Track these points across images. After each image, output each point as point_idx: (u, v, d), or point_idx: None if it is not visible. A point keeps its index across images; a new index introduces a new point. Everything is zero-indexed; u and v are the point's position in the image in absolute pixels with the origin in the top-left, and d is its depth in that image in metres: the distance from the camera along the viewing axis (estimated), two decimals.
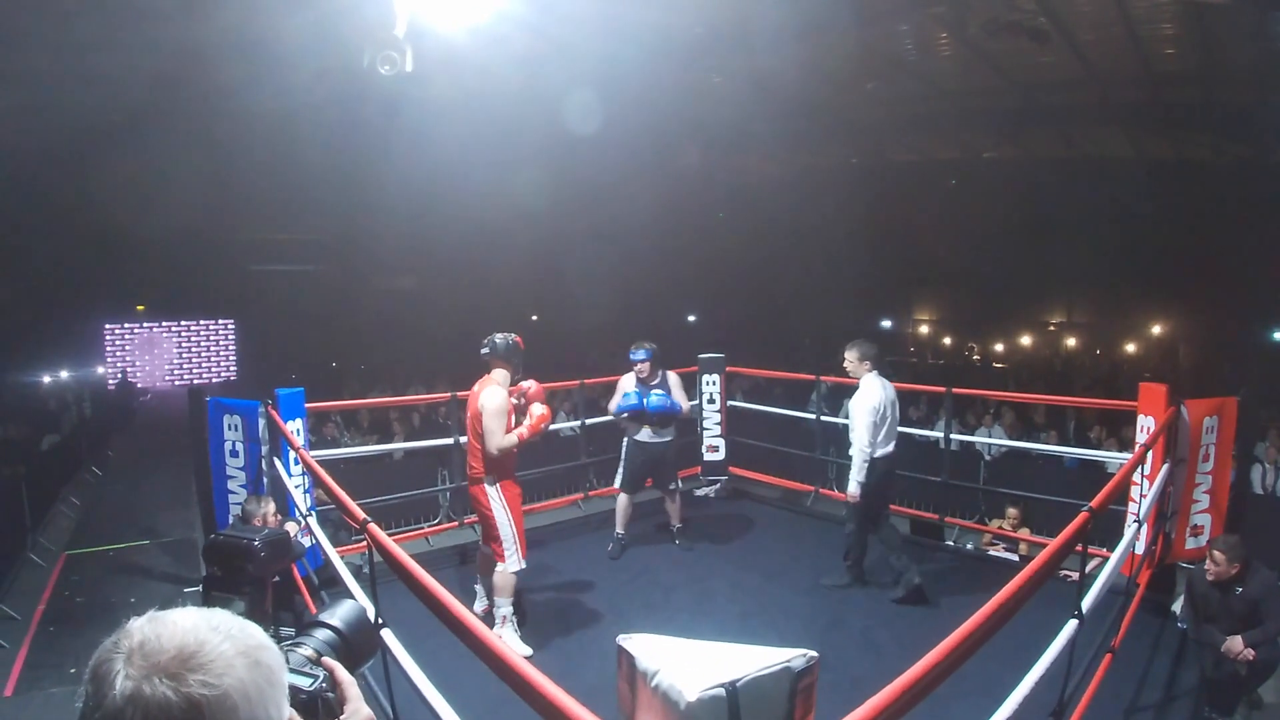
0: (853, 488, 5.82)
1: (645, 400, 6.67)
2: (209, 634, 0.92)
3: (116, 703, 0.85)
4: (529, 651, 5.03)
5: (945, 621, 4.54)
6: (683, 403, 6.83)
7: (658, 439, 6.84)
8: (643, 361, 6.76)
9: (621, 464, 7.06)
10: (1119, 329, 22.20)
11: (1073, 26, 11.10)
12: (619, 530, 6.97)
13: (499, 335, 5.39)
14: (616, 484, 7.14)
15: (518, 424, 5.28)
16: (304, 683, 1.17)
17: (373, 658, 1.47)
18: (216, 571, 2.92)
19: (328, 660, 1.27)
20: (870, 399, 5.75)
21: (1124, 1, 10.28)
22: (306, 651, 1.29)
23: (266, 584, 3.00)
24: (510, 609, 5.17)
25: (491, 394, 5.17)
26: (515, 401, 5.33)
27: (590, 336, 22.30)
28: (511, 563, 5.15)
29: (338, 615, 1.39)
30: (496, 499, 5.21)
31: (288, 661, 1.19)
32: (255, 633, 0.97)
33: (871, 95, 15.46)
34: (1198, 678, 4.53)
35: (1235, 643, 4.33)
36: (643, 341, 6.88)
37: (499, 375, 5.31)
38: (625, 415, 6.77)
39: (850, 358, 5.97)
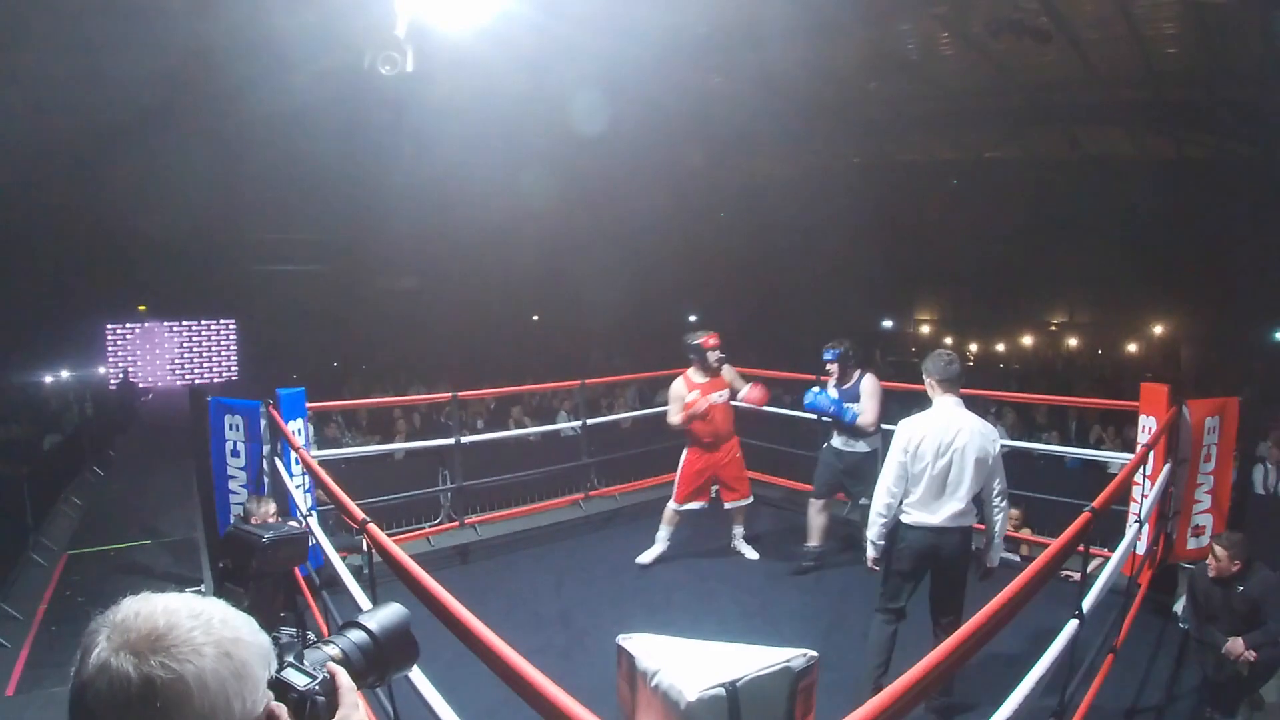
0: (868, 549, 4.46)
1: (815, 398, 6.14)
2: (184, 619, 0.95)
3: (90, 670, 0.92)
4: (648, 561, 6.55)
5: None
6: (866, 415, 5.99)
7: (850, 448, 6.17)
8: (829, 363, 6.20)
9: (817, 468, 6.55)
10: (1121, 329, 22.15)
11: (1075, 26, 11.09)
12: (812, 543, 6.38)
13: (688, 335, 6.68)
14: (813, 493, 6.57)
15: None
16: (299, 681, 1.15)
17: (409, 667, 1.43)
18: (228, 564, 2.95)
19: (332, 665, 1.24)
20: (901, 433, 4.30)
21: (1126, 1, 10.28)
22: (331, 651, 1.28)
23: (274, 580, 2.99)
24: (664, 535, 6.62)
25: (675, 383, 6.60)
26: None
27: (592, 337, 22.29)
28: (672, 502, 6.60)
29: (375, 618, 1.37)
30: (681, 457, 6.65)
31: (300, 659, 1.20)
32: (240, 626, 1.00)
33: (874, 95, 15.46)
34: (1199, 678, 4.53)
35: (1236, 644, 4.33)
36: (836, 340, 6.23)
37: (691, 369, 6.58)
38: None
39: (925, 376, 4.44)
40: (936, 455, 4.12)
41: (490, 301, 23.14)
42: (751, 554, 6.72)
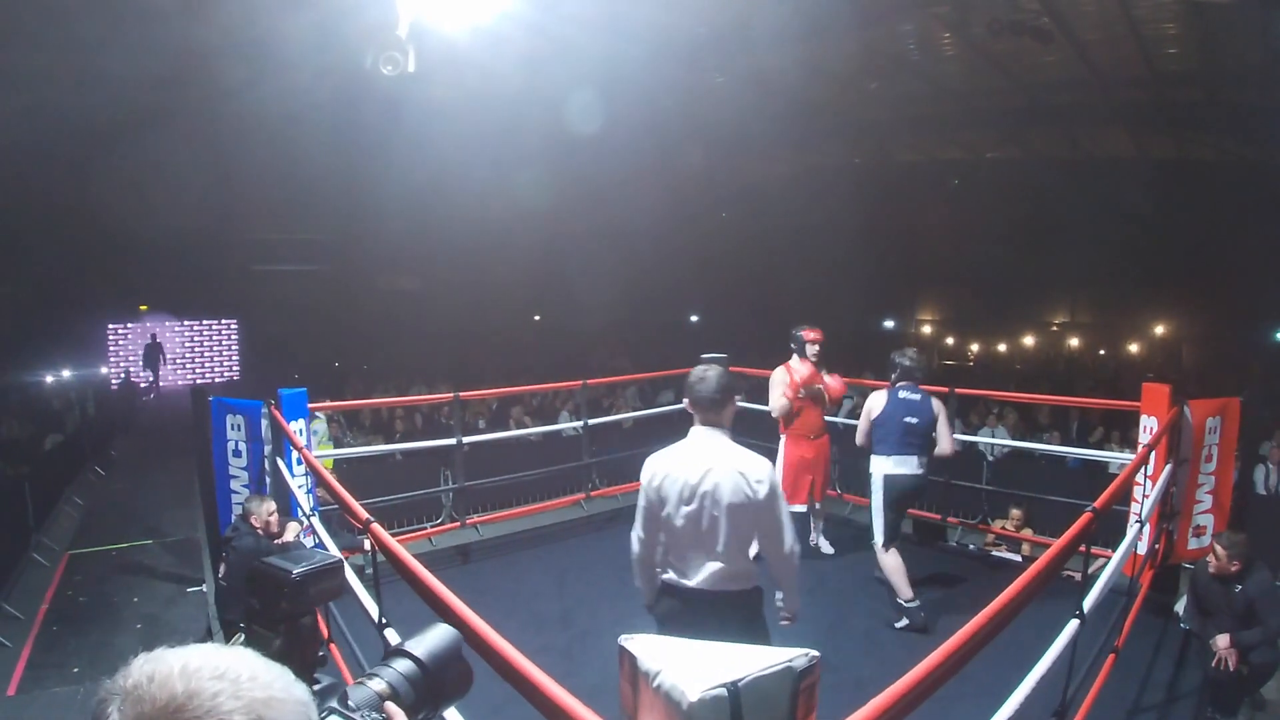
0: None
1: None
2: (207, 683, 0.80)
3: None
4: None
5: (948, 622, 4.54)
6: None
7: (908, 470, 5.45)
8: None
9: (877, 511, 5.51)
10: (1122, 329, 22.16)
11: (1076, 26, 11.09)
12: (906, 596, 5.30)
13: (794, 327, 6.57)
14: (878, 540, 5.47)
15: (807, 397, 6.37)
16: None
17: (462, 696, 1.28)
18: (255, 604, 2.65)
19: (390, 706, 1.12)
20: (644, 470, 3.43)
21: (1127, 1, 10.28)
22: (378, 686, 1.14)
23: (313, 619, 2.69)
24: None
25: (776, 371, 6.50)
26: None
27: (593, 337, 22.30)
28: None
29: (423, 644, 1.23)
30: (780, 450, 6.41)
31: (345, 701, 1.09)
32: (272, 682, 0.85)
33: (875, 95, 15.46)
34: (1200, 678, 4.53)
35: (1221, 640, 4.34)
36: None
37: (792, 360, 6.49)
38: None
39: None
40: (680, 500, 3.23)
41: (491, 302, 23.15)
42: (828, 548, 6.82)
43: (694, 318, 26.37)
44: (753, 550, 3.50)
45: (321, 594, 1.19)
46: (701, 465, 3.23)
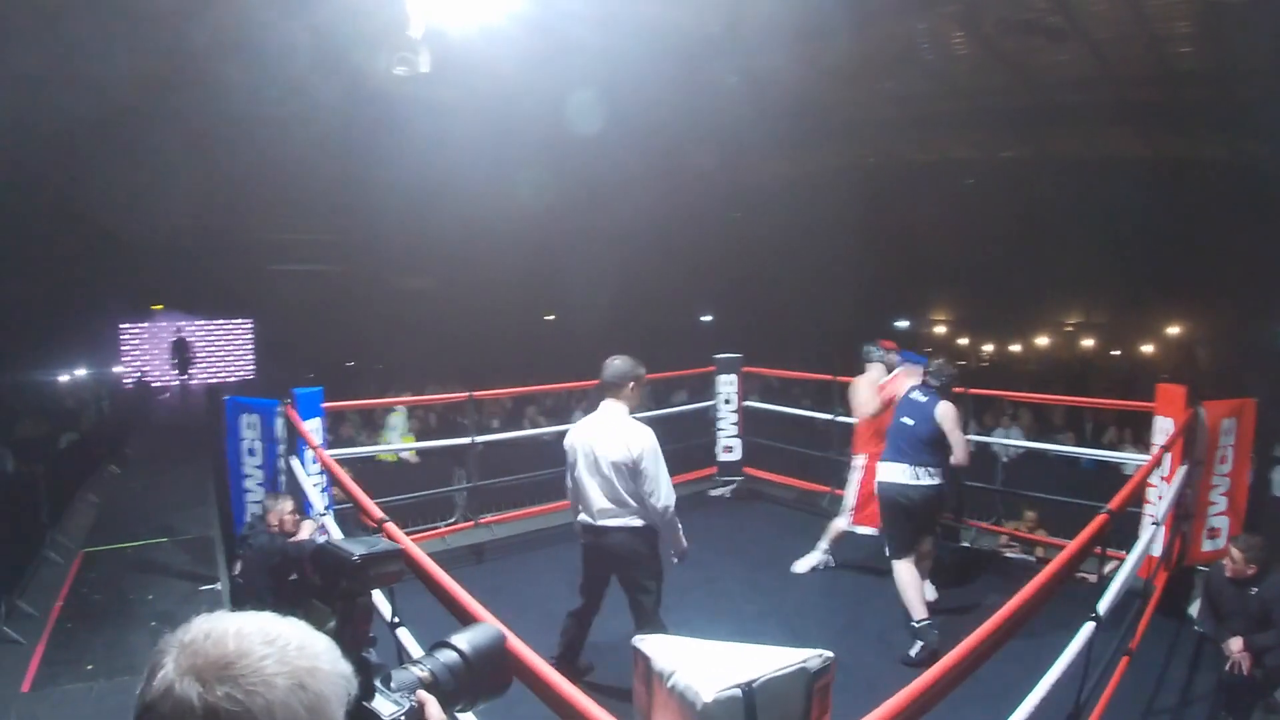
0: None
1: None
2: (257, 646, 0.88)
3: (156, 692, 0.86)
4: (804, 569, 6.31)
5: (962, 624, 4.53)
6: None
7: (892, 479, 5.30)
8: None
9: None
10: (1137, 329, 22.04)
11: (1088, 25, 11.05)
12: (919, 616, 5.00)
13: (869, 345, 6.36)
14: (887, 550, 5.26)
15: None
16: (386, 710, 1.09)
17: (501, 694, 1.32)
18: (318, 581, 2.79)
19: (422, 693, 1.16)
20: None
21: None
22: (420, 673, 1.20)
23: (369, 600, 2.79)
24: (824, 546, 6.32)
25: (862, 379, 6.25)
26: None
27: (606, 336, 22.29)
28: (840, 520, 6.26)
29: (467, 638, 1.28)
30: (859, 472, 6.19)
31: (389, 681, 1.15)
32: (318, 653, 0.92)
33: (886, 94, 15.43)
34: (1215, 681, 4.51)
35: (1235, 643, 4.32)
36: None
37: (870, 373, 6.23)
38: None
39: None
40: (584, 456, 4.28)
41: (503, 301, 23.17)
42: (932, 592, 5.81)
43: (707, 317, 26.37)
44: None
45: (381, 577, 1.25)
46: (598, 432, 4.26)
